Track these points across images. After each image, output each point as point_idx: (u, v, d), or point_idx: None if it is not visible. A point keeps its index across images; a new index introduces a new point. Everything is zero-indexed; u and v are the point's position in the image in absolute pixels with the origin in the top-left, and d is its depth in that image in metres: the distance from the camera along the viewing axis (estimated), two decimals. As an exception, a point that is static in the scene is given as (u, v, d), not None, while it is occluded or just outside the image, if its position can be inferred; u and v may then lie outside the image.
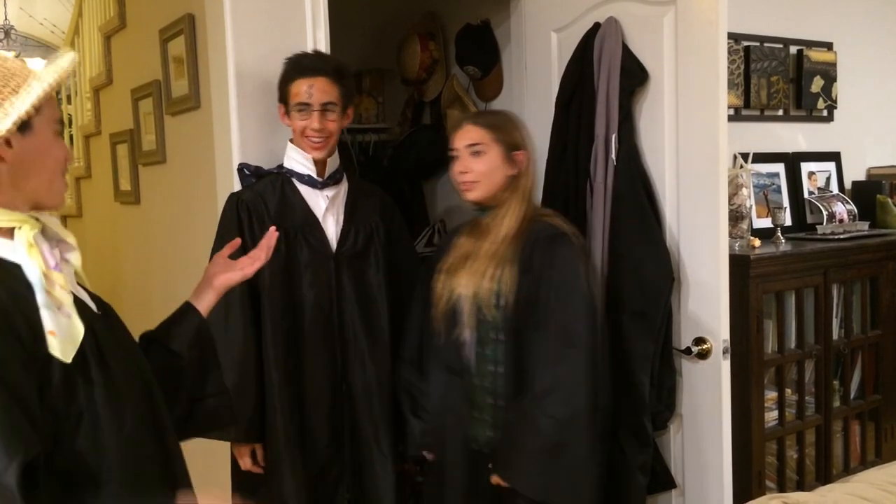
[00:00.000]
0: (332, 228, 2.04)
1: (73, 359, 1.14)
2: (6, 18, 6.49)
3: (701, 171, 2.04)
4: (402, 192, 3.23)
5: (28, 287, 1.13)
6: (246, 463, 2.08)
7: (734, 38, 2.98)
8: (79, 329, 1.16)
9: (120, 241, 3.49)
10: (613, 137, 2.12)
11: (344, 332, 2.04)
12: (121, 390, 1.21)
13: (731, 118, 2.27)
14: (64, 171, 1.26)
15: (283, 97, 2.00)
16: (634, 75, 2.14)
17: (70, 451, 1.14)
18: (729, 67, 2.79)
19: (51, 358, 1.12)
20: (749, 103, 3.05)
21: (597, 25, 2.22)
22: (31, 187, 1.20)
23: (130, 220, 3.32)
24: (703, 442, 2.10)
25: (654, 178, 2.15)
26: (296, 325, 2.01)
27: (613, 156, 2.12)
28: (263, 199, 2.01)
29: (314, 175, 2.03)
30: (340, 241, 2.04)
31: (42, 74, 1.18)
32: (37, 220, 1.21)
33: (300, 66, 1.98)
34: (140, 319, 1.52)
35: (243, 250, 1.98)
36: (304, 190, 2.04)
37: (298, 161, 2.03)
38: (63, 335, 1.13)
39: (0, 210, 1.16)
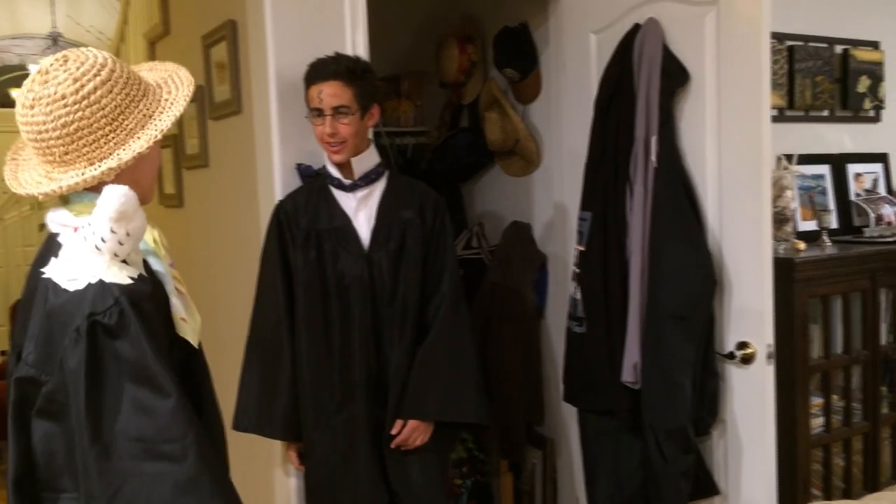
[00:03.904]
0: (364, 228, 2.06)
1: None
2: (54, 26, 6.65)
3: (744, 172, 2.01)
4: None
5: (157, 277, 1.27)
6: (294, 462, 2.12)
7: (777, 37, 2.93)
8: (199, 319, 1.31)
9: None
10: (654, 139, 2.10)
11: (379, 330, 2.05)
12: (211, 382, 1.38)
13: (774, 119, 2.24)
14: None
15: (306, 103, 2.03)
16: (675, 76, 2.12)
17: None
18: (772, 67, 2.74)
19: (172, 344, 1.27)
20: (793, 104, 3.00)
21: (636, 27, 2.20)
22: (143, 183, 1.32)
23: (174, 222, 3.37)
24: (747, 448, 2.06)
25: (696, 180, 2.13)
26: (330, 326, 2.04)
27: (654, 158, 2.09)
28: (299, 204, 2.07)
29: (342, 178, 2.06)
30: (373, 240, 2.05)
31: (174, 89, 1.30)
32: None
33: (311, 72, 2.00)
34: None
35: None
36: (336, 191, 2.07)
37: (329, 164, 2.07)
38: (192, 323, 1.28)
39: None
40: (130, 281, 1.19)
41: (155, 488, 1.13)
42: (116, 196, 1.17)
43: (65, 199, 1.26)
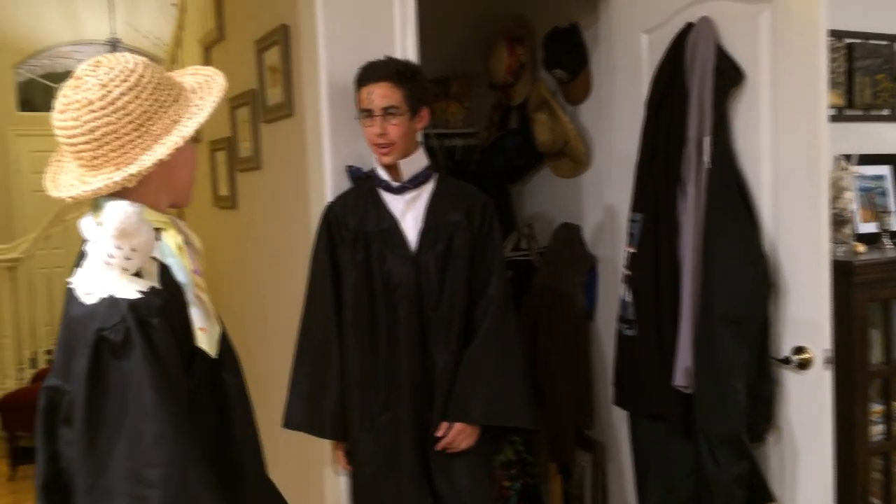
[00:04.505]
0: (412, 230, 2.07)
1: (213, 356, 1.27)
2: (113, 32, 6.84)
3: (800, 174, 1.97)
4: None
5: (176, 285, 1.24)
6: (342, 462, 2.14)
7: (836, 35, 2.86)
8: (218, 329, 1.29)
9: (218, 244, 3.62)
10: (706, 140, 2.07)
11: (425, 332, 2.05)
12: (242, 390, 1.31)
13: (833, 119, 2.18)
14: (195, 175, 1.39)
15: (356, 105, 2.05)
16: (729, 75, 2.08)
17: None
18: (830, 66, 2.68)
19: (194, 353, 1.24)
20: (853, 103, 2.93)
21: (689, 26, 2.17)
22: (176, 186, 1.33)
23: (228, 223, 3.44)
24: (804, 455, 2.02)
25: (751, 181, 2.08)
26: (376, 327, 2.05)
27: (706, 158, 2.06)
28: (348, 206, 2.10)
29: (390, 180, 2.08)
30: (420, 242, 2.06)
31: (206, 95, 1.31)
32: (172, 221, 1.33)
33: (362, 74, 2.03)
34: (236, 318, 1.59)
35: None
36: (384, 194, 2.09)
37: (377, 166, 2.09)
38: (211, 332, 1.25)
39: (149, 210, 1.26)
40: (140, 295, 1.17)
41: None
42: (116, 214, 1.16)
43: (96, 205, 1.26)
